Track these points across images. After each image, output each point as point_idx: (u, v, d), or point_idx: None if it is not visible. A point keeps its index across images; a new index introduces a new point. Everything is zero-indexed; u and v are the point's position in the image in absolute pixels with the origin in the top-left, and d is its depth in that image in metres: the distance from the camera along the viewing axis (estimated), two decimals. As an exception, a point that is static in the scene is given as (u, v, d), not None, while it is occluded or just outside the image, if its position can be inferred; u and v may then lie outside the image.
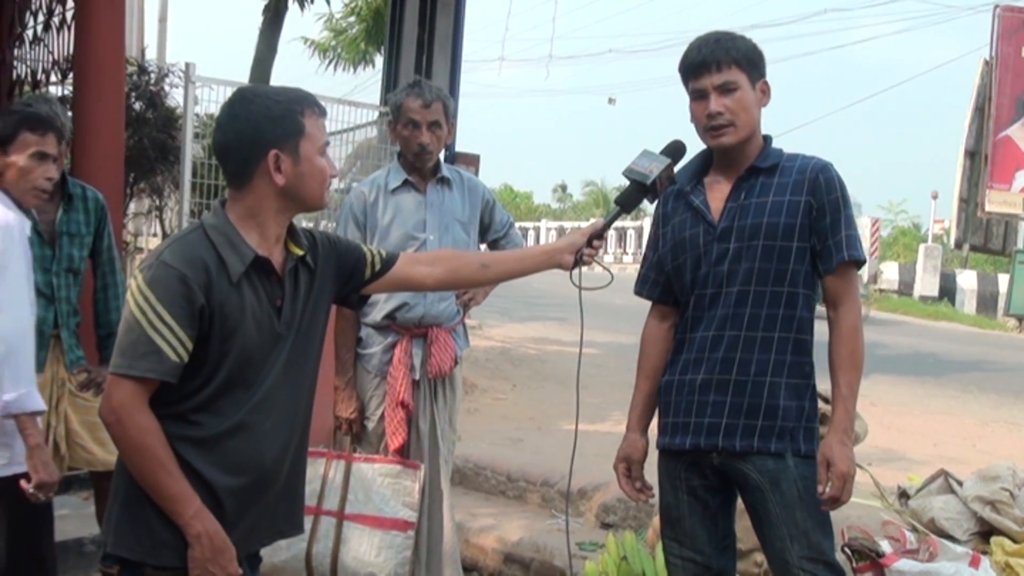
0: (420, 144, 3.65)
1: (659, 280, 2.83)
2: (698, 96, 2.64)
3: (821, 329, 2.73)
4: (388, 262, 2.47)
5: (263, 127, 2.14)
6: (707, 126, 2.63)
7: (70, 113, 4.61)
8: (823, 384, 2.73)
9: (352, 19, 17.77)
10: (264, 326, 2.17)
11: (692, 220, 2.71)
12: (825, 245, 2.61)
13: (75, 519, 3.56)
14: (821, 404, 2.75)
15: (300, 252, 2.26)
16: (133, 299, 2.07)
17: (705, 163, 2.76)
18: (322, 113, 2.23)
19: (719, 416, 2.63)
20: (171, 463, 2.07)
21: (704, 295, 2.67)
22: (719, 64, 2.59)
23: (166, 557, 2.10)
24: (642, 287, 2.89)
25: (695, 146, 2.72)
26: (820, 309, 2.69)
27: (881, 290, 22.30)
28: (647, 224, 29.54)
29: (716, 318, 2.65)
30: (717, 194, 2.70)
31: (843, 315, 2.62)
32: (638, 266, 2.96)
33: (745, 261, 2.61)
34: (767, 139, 2.71)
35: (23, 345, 2.74)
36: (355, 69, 18.21)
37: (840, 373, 2.60)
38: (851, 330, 2.61)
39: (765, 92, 2.67)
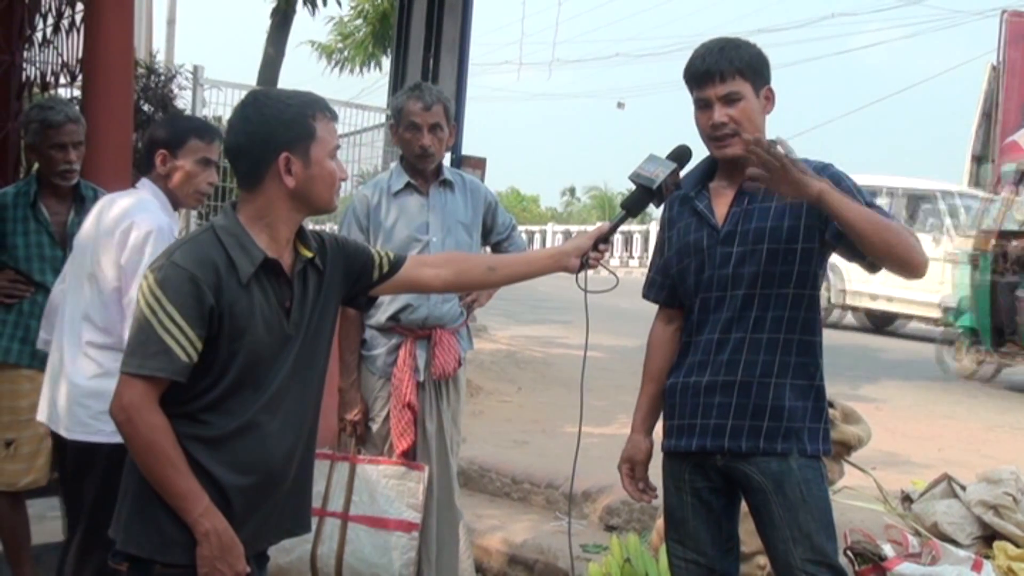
0: (421, 147, 3.67)
1: (665, 284, 2.85)
2: (702, 106, 2.64)
3: (827, 333, 2.75)
4: (396, 264, 2.49)
5: (275, 130, 2.16)
6: (711, 136, 2.64)
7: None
8: (831, 388, 2.75)
9: (359, 22, 17.82)
10: (273, 327, 2.19)
11: (696, 224, 2.73)
12: None
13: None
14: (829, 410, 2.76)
15: (309, 254, 2.28)
16: (144, 299, 2.10)
17: (710, 168, 2.77)
18: (333, 117, 2.26)
19: (725, 417, 2.64)
20: (180, 461, 2.09)
21: (709, 298, 2.69)
22: (722, 74, 2.59)
23: (175, 554, 2.12)
24: (649, 291, 2.91)
25: (701, 151, 2.75)
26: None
27: (887, 295, 22.24)
28: (653, 228, 29.50)
29: (721, 321, 2.66)
30: (721, 199, 2.71)
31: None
32: (643, 270, 2.98)
33: (750, 265, 2.63)
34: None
35: None
36: (361, 71, 18.25)
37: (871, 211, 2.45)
38: (897, 225, 2.47)
39: (769, 99, 2.67)
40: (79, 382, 3.05)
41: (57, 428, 3.14)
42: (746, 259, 2.63)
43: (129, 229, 3.00)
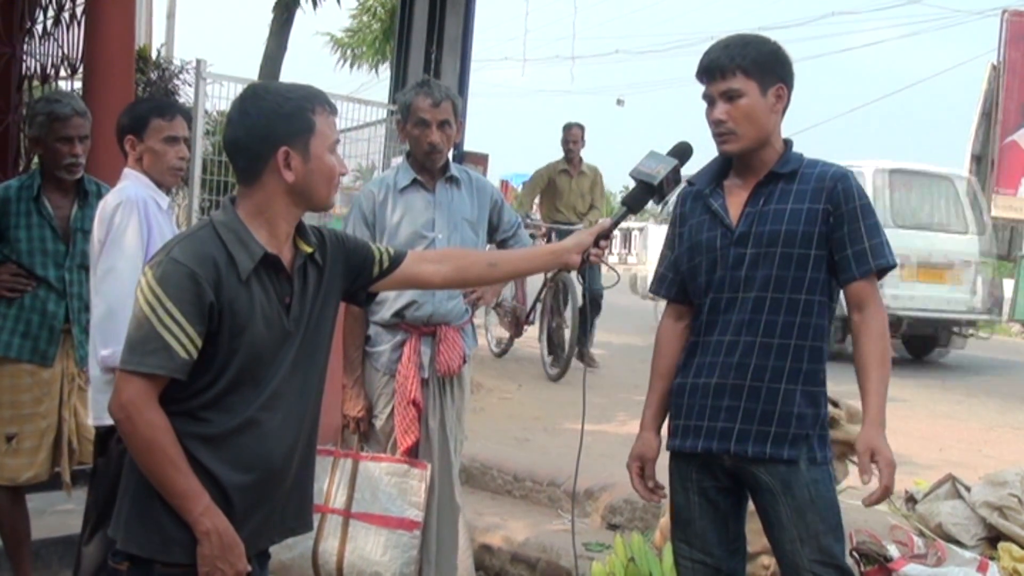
0: (431, 143, 3.65)
1: (675, 280, 2.82)
2: (707, 101, 2.64)
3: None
4: (396, 260, 2.47)
5: (274, 124, 2.13)
6: (714, 132, 2.64)
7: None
8: (832, 388, 2.73)
9: (366, 17, 17.74)
10: (273, 323, 2.17)
11: (710, 223, 2.70)
12: (844, 255, 2.59)
13: (81, 515, 3.57)
14: (831, 409, 2.74)
15: (309, 249, 2.26)
16: (143, 295, 2.07)
17: (725, 165, 2.75)
18: (333, 111, 2.23)
19: (732, 421, 2.62)
20: (180, 460, 2.07)
21: (720, 299, 2.66)
22: (723, 71, 2.58)
23: (175, 553, 2.10)
24: (659, 286, 2.88)
25: (706, 148, 2.73)
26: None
27: (887, 294, 22.27)
28: (651, 226, 29.41)
29: (732, 323, 2.64)
30: (736, 198, 2.68)
31: (871, 317, 2.60)
32: (641, 267, 2.97)
33: (763, 267, 2.60)
34: (788, 143, 2.70)
35: (123, 308, 2.99)
36: (377, 69, 18.04)
37: (872, 370, 2.57)
38: (880, 332, 2.59)
39: (780, 97, 2.63)
40: (96, 373, 3.20)
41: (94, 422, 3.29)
42: (759, 261, 2.60)
43: (103, 209, 3.18)
